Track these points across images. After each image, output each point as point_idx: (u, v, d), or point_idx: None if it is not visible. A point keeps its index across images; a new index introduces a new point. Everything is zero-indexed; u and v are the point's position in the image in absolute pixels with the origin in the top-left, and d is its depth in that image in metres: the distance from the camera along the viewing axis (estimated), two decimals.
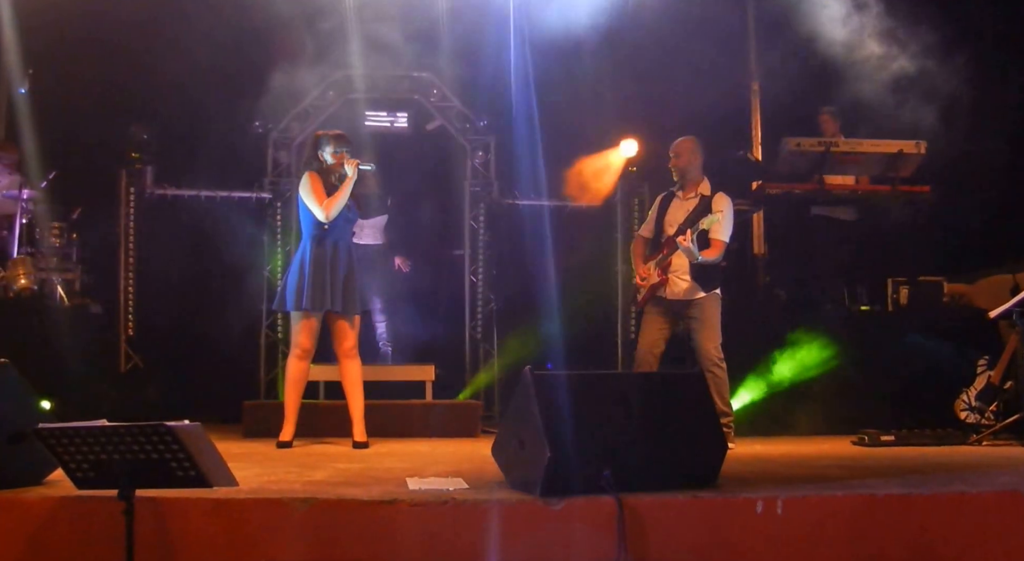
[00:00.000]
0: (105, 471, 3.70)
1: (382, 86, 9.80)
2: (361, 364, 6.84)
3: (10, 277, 8.41)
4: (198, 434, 3.64)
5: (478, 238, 9.70)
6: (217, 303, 9.36)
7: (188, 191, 9.59)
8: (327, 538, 4.17)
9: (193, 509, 4.14)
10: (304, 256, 6.75)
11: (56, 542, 4.17)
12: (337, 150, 6.77)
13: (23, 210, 8.91)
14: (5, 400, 4.42)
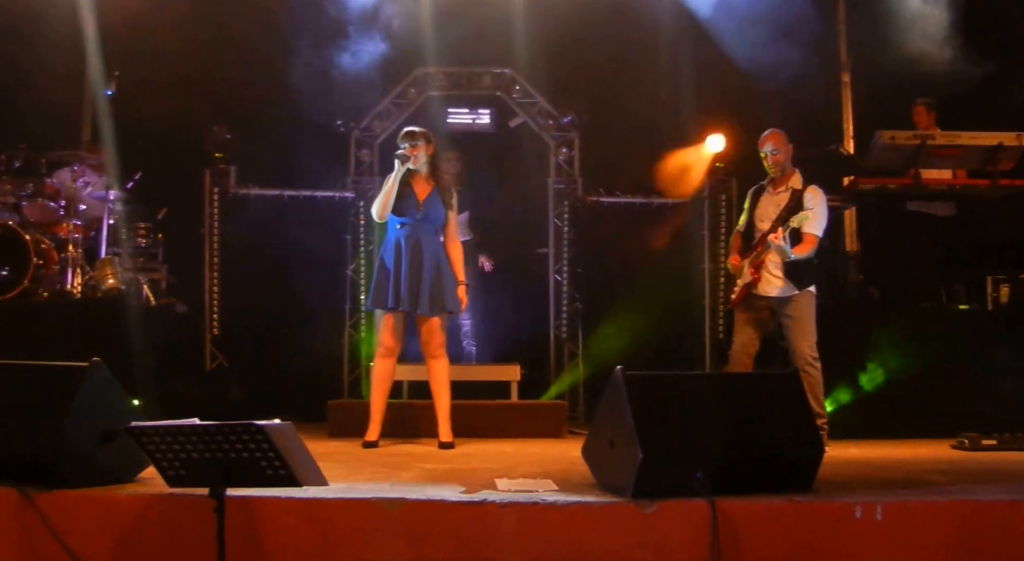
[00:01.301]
0: (196, 469, 3.68)
1: (464, 83, 9.76)
2: (449, 364, 6.76)
3: (98, 277, 8.50)
4: (289, 433, 3.60)
5: (562, 236, 9.59)
6: (300, 302, 9.39)
7: (271, 190, 9.63)
8: (416, 539, 4.13)
9: (283, 508, 4.13)
10: (381, 255, 6.77)
11: (148, 539, 4.19)
12: (400, 146, 6.72)
13: (110, 211, 8.99)
14: (98, 399, 4.44)
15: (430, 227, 6.71)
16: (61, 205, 8.82)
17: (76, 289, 8.47)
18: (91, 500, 4.25)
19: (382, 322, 6.69)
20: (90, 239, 9.00)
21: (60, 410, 4.35)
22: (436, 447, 6.60)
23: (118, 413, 4.42)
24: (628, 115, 9.28)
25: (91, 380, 4.45)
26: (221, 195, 9.58)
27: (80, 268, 8.56)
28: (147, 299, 8.92)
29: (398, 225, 6.69)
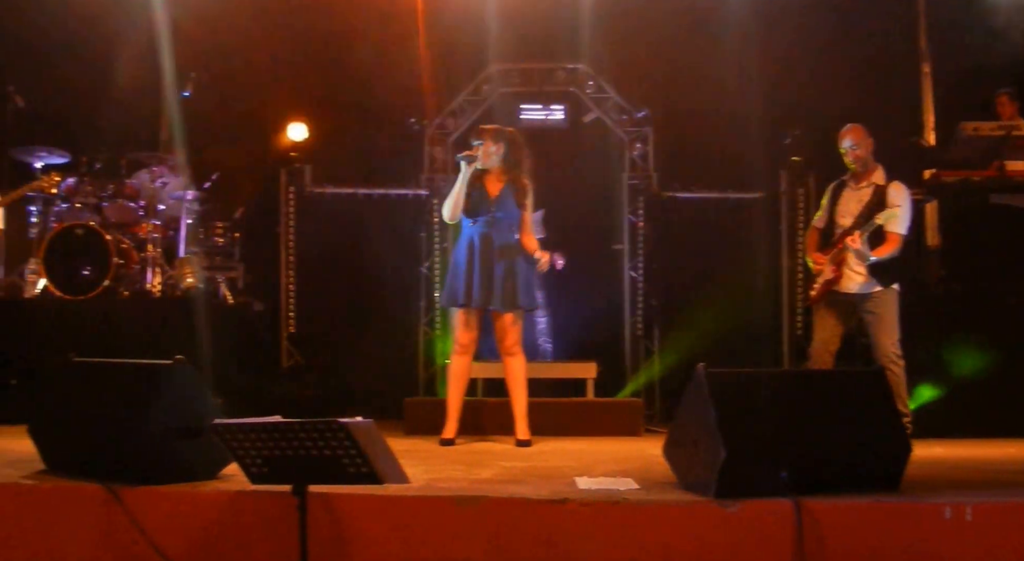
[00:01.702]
0: (279, 467, 3.69)
1: (537, 79, 9.72)
2: (525, 361, 6.73)
3: (177, 276, 8.61)
4: (371, 431, 3.59)
5: (637, 232, 9.52)
6: (376, 300, 9.44)
7: (346, 189, 9.68)
8: (497, 537, 4.10)
9: (364, 506, 4.12)
10: (454, 253, 6.80)
11: (230, 535, 4.21)
12: (472, 143, 6.71)
13: (188, 211, 9.11)
14: (181, 396, 4.49)
15: (503, 223, 6.67)
16: (141, 205, 8.95)
17: (156, 288, 8.59)
18: (175, 496, 4.28)
19: (457, 319, 6.70)
20: (169, 238, 9.12)
21: (145, 407, 4.40)
22: (513, 445, 6.59)
23: (201, 410, 4.46)
24: (703, 109, 9.17)
25: (175, 378, 4.50)
26: (297, 194, 9.67)
27: (159, 267, 8.68)
28: (224, 298, 9.02)
29: (472, 222, 6.68)
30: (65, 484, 4.48)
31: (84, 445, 4.70)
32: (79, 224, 8.35)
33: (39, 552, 4.34)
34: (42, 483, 4.52)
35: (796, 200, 9.43)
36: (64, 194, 8.92)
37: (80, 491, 4.37)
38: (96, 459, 4.57)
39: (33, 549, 4.35)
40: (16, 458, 5.29)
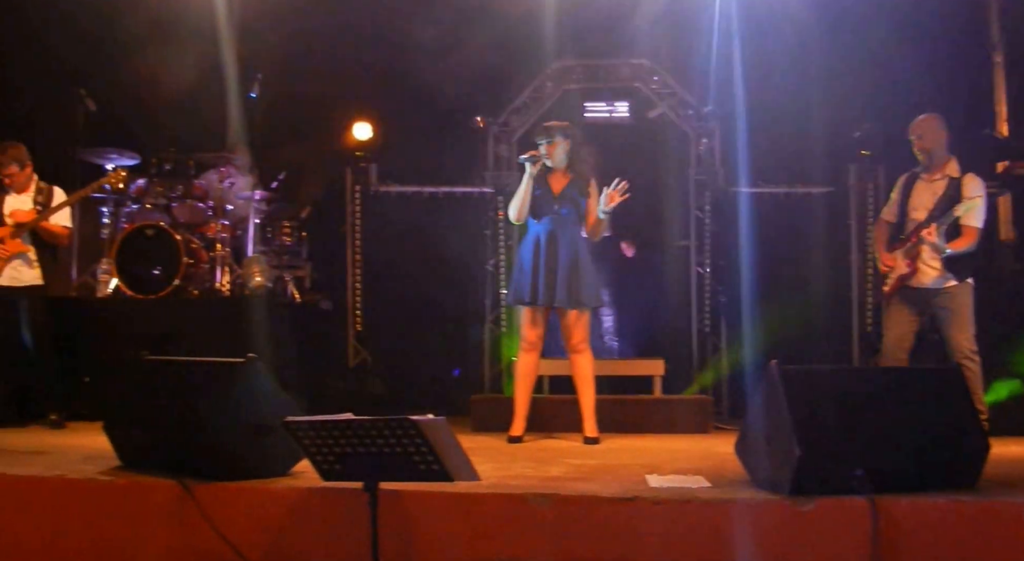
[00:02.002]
0: (350, 463, 3.71)
1: (601, 75, 9.68)
2: (592, 358, 6.70)
3: (245, 275, 8.69)
4: (442, 428, 3.59)
5: (704, 228, 9.43)
6: (441, 298, 9.44)
7: (411, 187, 9.71)
8: (567, 535, 4.09)
9: (435, 502, 4.13)
10: (520, 250, 6.79)
11: (302, 531, 4.24)
12: (538, 141, 6.68)
13: (256, 210, 9.19)
14: (253, 393, 4.53)
15: (569, 220, 6.66)
16: (209, 205, 9.05)
17: (225, 287, 8.68)
18: (248, 492, 4.33)
19: (524, 317, 6.68)
20: (237, 238, 9.21)
21: (218, 404, 4.45)
22: (581, 442, 6.55)
23: (273, 408, 4.49)
24: (770, 102, 9.05)
25: (247, 375, 4.54)
26: (363, 192, 9.72)
27: (228, 266, 8.77)
28: (292, 296, 9.10)
29: (537, 219, 6.67)
30: (140, 480, 4.54)
31: (157, 442, 4.77)
32: (149, 225, 8.46)
33: (114, 546, 4.41)
34: (117, 479, 4.59)
35: (865, 194, 9.27)
36: (134, 195, 9.06)
37: (154, 487, 4.44)
38: (169, 455, 4.63)
39: (109, 543, 4.42)
40: (91, 454, 5.38)
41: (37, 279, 7.39)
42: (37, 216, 7.34)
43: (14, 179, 7.40)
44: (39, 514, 4.56)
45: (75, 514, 4.51)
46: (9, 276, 7.35)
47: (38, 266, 7.39)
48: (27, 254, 7.36)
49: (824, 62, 8.91)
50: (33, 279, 7.38)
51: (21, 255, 7.34)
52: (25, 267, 7.37)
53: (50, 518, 4.54)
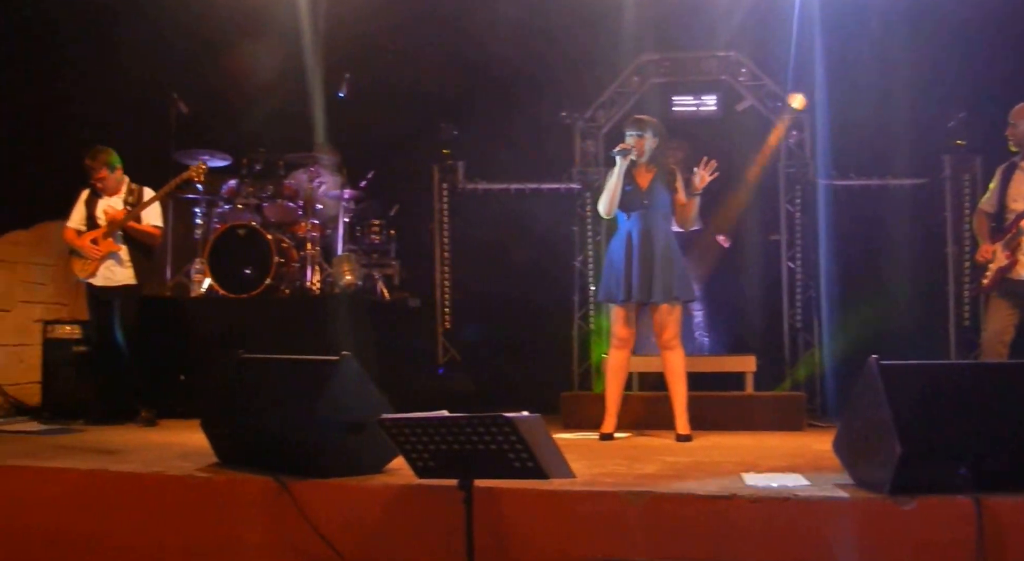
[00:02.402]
0: (445, 461, 3.71)
1: (688, 68, 9.58)
2: (684, 355, 6.63)
3: (335, 274, 8.75)
4: (537, 425, 3.57)
5: (795, 221, 9.27)
6: (530, 295, 9.42)
7: (498, 184, 9.71)
8: (663, 533, 4.04)
9: (530, 500, 4.11)
10: (610, 247, 6.73)
11: (397, 528, 4.26)
12: (627, 133, 6.62)
13: (345, 209, 9.26)
14: (348, 391, 4.55)
15: (658, 214, 6.59)
16: (299, 205, 9.13)
17: (315, 286, 8.75)
18: (343, 489, 4.36)
19: (615, 314, 6.63)
20: (327, 237, 9.29)
21: (313, 402, 4.48)
22: (673, 440, 6.48)
23: (367, 405, 4.51)
24: (861, 93, 8.87)
25: (341, 373, 4.56)
26: (451, 190, 9.75)
27: (318, 265, 8.84)
28: (381, 294, 9.15)
29: (626, 215, 6.61)
30: (236, 477, 4.60)
31: (254, 439, 4.82)
32: (241, 225, 8.56)
33: (211, 542, 4.47)
34: (215, 475, 4.65)
35: (961, 186, 9.04)
36: (226, 196, 9.19)
37: (251, 483, 4.49)
38: (265, 452, 4.68)
39: (206, 539, 4.48)
40: (188, 451, 5.47)
41: (130, 279, 7.53)
42: (126, 215, 7.47)
43: (105, 183, 7.55)
44: (138, 510, 4.65)
45: (173, 510, 4.59)
46: (103, 276, 7.51)
47: (131, 266, 7.53)
48: (119, 254, 7.50)
49: (913, 49, 8.70)
50: (126, 279, 7.52)
51: (113, 255, 7.49)
52: (118, 267, 7.52)
53: (149, 514, 4.62)
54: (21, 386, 8.76)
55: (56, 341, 8.13)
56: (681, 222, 6.72)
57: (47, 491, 4.82)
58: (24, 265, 9.13)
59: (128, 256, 7.53)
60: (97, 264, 7.48)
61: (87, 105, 8.52)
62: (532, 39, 9.14)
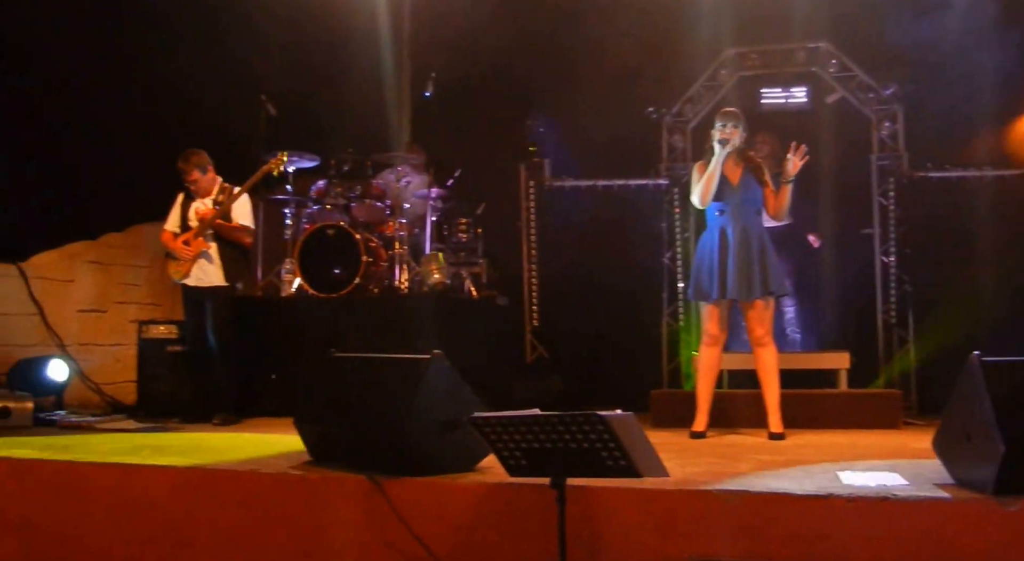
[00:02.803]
0: (537, 459, 3.68)
1: (776, 61, 9.44)
2: (776, 351, 6.53)
3: (424, 273, 8.78)
4: (630, 424, 3.53)
5: (888, 215, 9.08)
6: (618, 292, 9.36)
7: (585, 181, 9.67)
8: (759, 533, 3.98)
9: (623, 498, 4.08)
10: (702, 244, 6.65)
11: (489, 527, 4.26)
12: (721, 125, 6.53)
13: (432, 208, 9.30)
14: (440, 389, 4.56)
15: (750, 208, 6.53)
16: (387, 204, 9.19)
17: (403, 285, 8.80)
18: (435, 487, 4.36)
19: (707, 311, 6.56)
20: (415, 236, 9.34)
21: (405, 401, 4.49)
22: (766, 438, 6.39)
23: (459, 404, 4.51)
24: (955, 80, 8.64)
25: (433, 372, 4.57)
26: (537, 188, 9.73)
27: (406, 264, 8.89)
28: (470, 292, 9.16)
29: (717, 211, 6.53)
30: (330, 475, 4.63)
31: (346, 437, 4.85)
32: (330, 225, 8.64)
33: (306, 539, 4.51)
34: (308, 473, 4.69)
35: None
36: (315, 197, 9.28)
37: (344, 482, 4.52)
38: (358, 451, 4.70)
39: (300, 536, 4.52)
40: (281, 449, 5.53)
41: (221, 280, 7.64)
42: (214, 213, 7.57)
43: (198, 185, 7.68)
44: (233, 508, 4.71)
45: (268, 507, 4.64)
46: (195, 277, 7.63)
47: (222, 267, 7.63)
48: (209, 253, 7.61)
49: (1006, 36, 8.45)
50: (217, 280, 7.63)
51: (204, 254, 7.59)
52: (209, 267, 7.63)
53: (244, 512, 4.68)
54: (117, 385, 8.96)
55: (151, 341, 8.28)
56: (775, 214, 6.63)
57: (145, 488, 4.91)
58: (119, 267, 9.33)
59: (219, 256, 7.63)
60: (190, 265, 7.60)
61: (178, 109, 8.66)
62: (618, 35, 9.09)
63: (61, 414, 7.64)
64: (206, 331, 7.64)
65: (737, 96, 9.26)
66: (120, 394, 8.85)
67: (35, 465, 5.23)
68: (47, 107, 8.13)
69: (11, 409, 7.14)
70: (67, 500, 5.03)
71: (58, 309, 8.62)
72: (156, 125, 8.63)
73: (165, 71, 8.42)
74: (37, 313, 8.45)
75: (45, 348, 8.35)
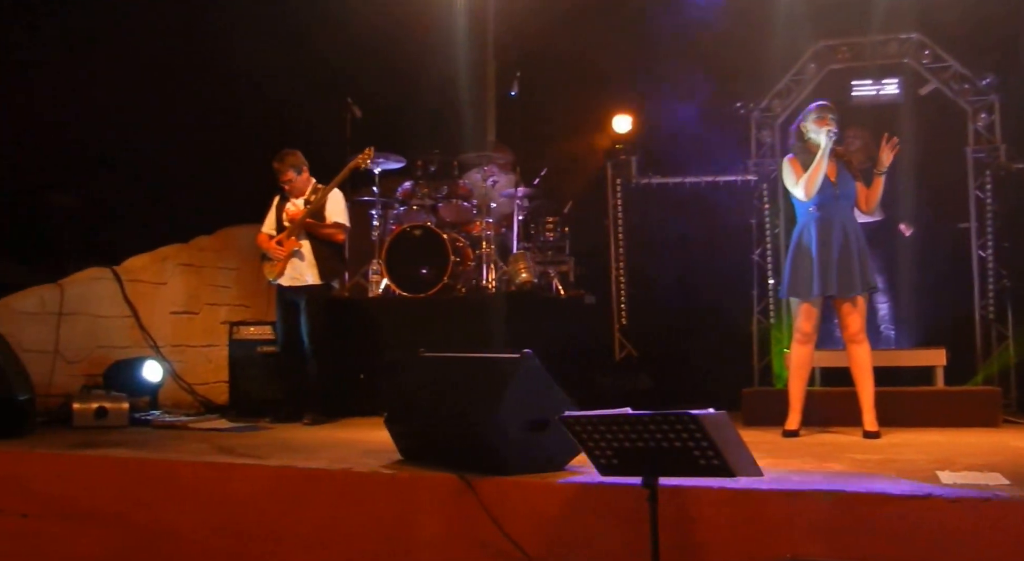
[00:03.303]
0: (629, 459, 3.65)
1: (867, 53, 9.24)
2: (870, 348, 6.40)
3: (511, 272, 8.79)
4: (723, 423, 3.49)
5: (985, 208, 8.82)
6: (706, 289, 9.26)
7: (673, 178, 9.58)
8: (855, 534, 3.90)
9: (715, 498, 4.04)
10: (793, 240, 6.55)
11: (580, 526, 4.24)
12: (821, 117, 6.42)
13: (519, 207, 9.30)
14: (530, 388, 4.55)
15: (847, 204, 6.45)
16: (474, 204, 9.22)
17: (491, 284, 8.80)
18: (526, 486, 4.36)
19: (801, 308, 6.46)
20: (502, 235, 9.35)
21: (495, 400, 4.49)
22: (860, 436, 6.26)
23: (550, 402, 4.50)
24: None
25: (523, 371, 4.57)
26: (624, 185, 9.67)
27: (494, 264, 8.90)
28: (557, 291, 9.14)
29: (812, 207, 6.42)
30: (421, 473, 4.65)
31: (437, 436, 4.87)
32: (417, 225, 8.68)
33: (397, 537, 4.54)
34: (399, 472, 4.71)
35: None
36: (401, 197, 9.33)
37: (435, 480, 4.53)
38: (448, 450, 4.71)
39: (392, 534, 4.55)
40: (372, 448, 5.57)
41: (315, 279, 7.68)
42: (305, 212, 7.64)
43: (293, 185, 7.75)
44: (326, 506, 4.75)
45: (359, 506, 4.68)
46: (289, 276, 7.69)
47: (316, 266, 7.68)
48: (302, 252, 7.66)
49: None
50: (311, 279, 7.67)
51: (297, 253, 7.65)
52: (303, 265, 7.68)
53: (336, 510, 4.72)
54: (209, 385, 9.12)
55: (242, 342, 8.40)
56: (867, 209, 6.53)
57: (239, 487, 4.98)
58: (210, 269, 9.49)
59: (312, 255, 7.68)
60: (283, 265, 7.66)
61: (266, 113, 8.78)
62: (704, 29, 9.00)
63: (155, 414, 7.79)
64: (298, 331, 7.70)
65: (826, 89, 9.10)
66: (212, 394, 9.01)
67: (131, 463, 5.35)
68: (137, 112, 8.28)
69: (108, 409, 7.31)
70: (162, 498, 5.14)
71: (151, 311, 8.79)
72: (244, 129, 8.76)
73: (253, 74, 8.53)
74: (131, 315, 8.61)
75: (140, 350, 8.52)
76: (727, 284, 9.29)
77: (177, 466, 5.23)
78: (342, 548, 4.65)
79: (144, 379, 8.09)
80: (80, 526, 5.23)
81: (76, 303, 8.08)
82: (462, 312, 8.36)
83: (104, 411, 7.29)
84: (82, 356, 8.12)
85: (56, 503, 5.34)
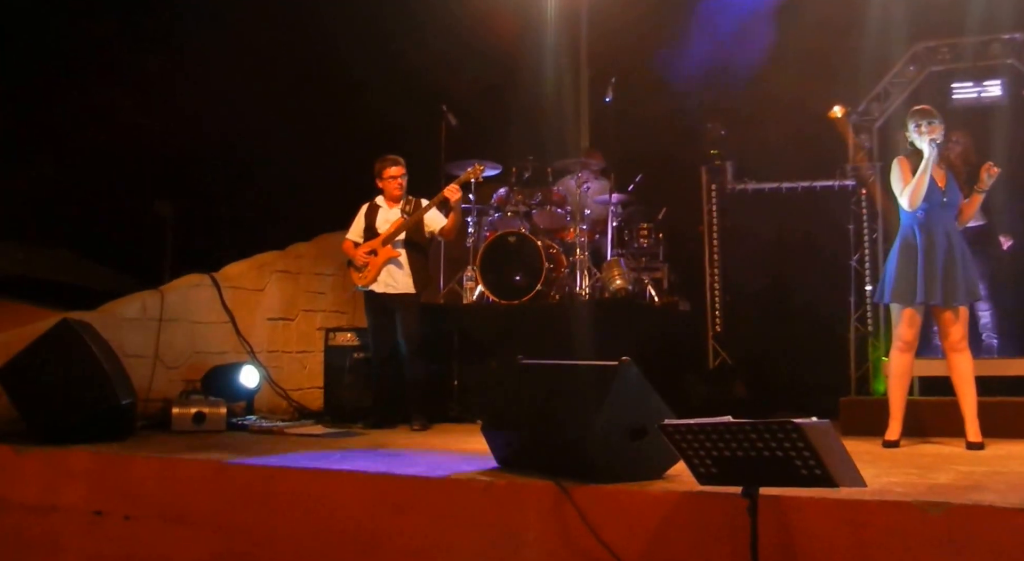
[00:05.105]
0: (728, 468, 3.63)
1: (969, 54, 9.01)
2: (971, 357, 6.27)
3: (605, 279, 8.78)
4: (826, 432, 3.45)
5: None
6: (803, 296, 9.13)
7: (768, 184, 9.46)
8: (963, 547, 3.81)
9: (817, 509, 3.98)
10: (897, 244, 6.45)
11: (679, 536, 4.21)
12: (919, 123, 6.31)
13: (613, 214, 9.28)
14: (628, 396, 4.55)
15: (952, 212, 6.36)
16: (567, 211, 9.23)
17: (585, 291, 8.80)
18: (624, 495, 4.34)
19: (905, 316, 6.34)
20: (596, 242, 9.35)
21: (594, 407, 4.50)
22: (963, 447, 6.13)
23: (648, 410, 4.50)
24: None
25: (622, 378, 4.56)
26: (719, 191, 9.58)
27: (587, 270, 8.89)
28: (651, 298, 9.10)
29: (920, 212, 6.32)
30: (518, 480, 4.67)
31: (534, 443, 4.88)
32: (511, 232, 8.72)
33: (495, 544, 4.56)
34: (497, 479, 4.73)
35: None
36: (496, 204, 9.39)
37: (532, 488, 4.55)
38: (545, 457, 4.72)
39: (490, 541, 4.57)
40: (467, 455, 5.62)
41: (410, 287, 7.75)
42: (405, 222, 7.71)
43: (403, 187, 7.81)
44: (423, 513, 4.79)
45: (455, 513, 4.71)
46: (384, 283, 7.77)
47: (411, 274, 7.75)
48: (401, 261, 7.73)
49: None
50: (406, 287, 7.75)
51: (394, 261, 7.72)
52: (399, 273, 7.75)
53: (434, 517, 4.76)
54: (304, 391, 9.24)
55: (337, 348, 8.51)
56: (961, 219, 6.40)
57: (336, 493, 5.05)
58: (306, 276, 9.61)
59: (408, 264, 7.75)
60: (376, 271, 7.73)
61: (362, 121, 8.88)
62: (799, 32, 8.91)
63: (252, 419, 7.91)
64: (392, 337, 7.78)
65: (926, 92, 8.92)
66: (307, 400, 9.13)
67: (229, 468, 5.45)
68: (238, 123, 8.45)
69: (206, 414, 7.46)
70: (260, 503, 5.23)
71: (249, 317, 8.93)
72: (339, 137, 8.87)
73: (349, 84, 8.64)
74: (229, 321, 8.75)
75: (237, 355, 8.66)
76: (823, 291, 9.13)
77: (275, 471, 5.32)
78: (438, 555, 4.69)
79: (241, 384, 8.22)
80: (180, 529, 5.36)
81: (176, 309, 8.23)
82: (555, 319, 8.38)
83: (202, 416, 7.44)
84: (181, 361, 8.27)
85: (157, 506, 5.48)
